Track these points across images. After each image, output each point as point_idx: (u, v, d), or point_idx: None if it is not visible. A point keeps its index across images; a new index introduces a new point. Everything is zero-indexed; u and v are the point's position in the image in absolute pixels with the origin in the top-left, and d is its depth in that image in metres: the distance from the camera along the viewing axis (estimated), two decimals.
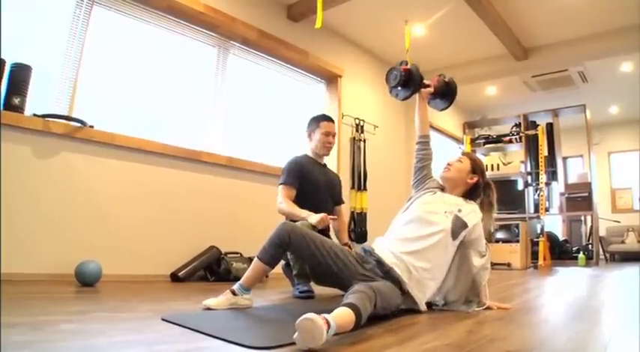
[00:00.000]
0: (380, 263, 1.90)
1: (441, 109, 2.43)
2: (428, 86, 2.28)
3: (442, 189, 2.18)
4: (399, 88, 2.24)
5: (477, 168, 2.16)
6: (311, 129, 2.92)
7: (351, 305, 1.35)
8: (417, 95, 2.29)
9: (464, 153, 2.24)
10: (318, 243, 1.88)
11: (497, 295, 2.62)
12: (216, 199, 3.85)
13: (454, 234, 1.95)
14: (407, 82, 2.20)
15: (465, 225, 1.97)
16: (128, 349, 1.21)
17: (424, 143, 2.28)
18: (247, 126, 4.51)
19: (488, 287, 2.10)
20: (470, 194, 2.17)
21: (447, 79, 2.34)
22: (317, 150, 2.89)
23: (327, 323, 1.20)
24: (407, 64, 2.22)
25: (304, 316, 1.16)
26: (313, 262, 1.94)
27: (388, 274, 1.85)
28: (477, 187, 2.16)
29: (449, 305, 2.04)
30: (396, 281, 1.84)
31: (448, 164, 2.19)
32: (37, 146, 2.87)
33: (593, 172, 7.09)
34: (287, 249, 1.93)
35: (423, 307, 1.90)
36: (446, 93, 2.36)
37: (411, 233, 1.98)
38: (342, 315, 1.31)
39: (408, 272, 1.87)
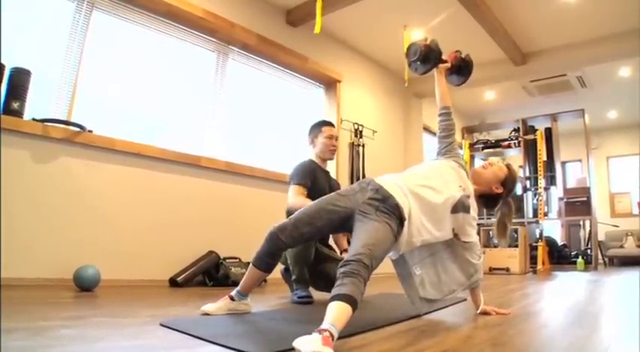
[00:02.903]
0: (378, 190, 1.80)
1: (457, 85, 2.47)
2: (445, 62, 2.31)
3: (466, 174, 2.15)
4: (419, 63, 2.27)
5: (508, 182, 2.13)
6: (313, 135, 2.92)
7: (347, 299, 1.32)
8: (434, 70, 2.31)
9: (507, 165, 2.20)
10: (305, 220, 1.82)
11: (496, 300, 2.62)
12: (215, 204, 3.85)
13: (455, 208, 1.91)
14: (426, 57, 2.24)
15: (467, 209, 1.94)
16: None
17: (446, 114, 2.28)
18: (246, 131, 4.51)
19: (486, 291, 2.10)
20: (487, 200, 2.16)
21: (463, 55, 2.38)
22: (322, 155, 2.89)
23: (330, 336, 1.18)
24: (427, 40, 2.26)
25: (308, 350, 1.11)
26: (318, 235, 1.99)
27: (387, 202, 1.75)
28: (497, 199, 2.15)
29: (435, 301, 2.02)
30: (395, 211, 1.74)
31: (489, 163, 2.18)
32: (36, 151, 2.88)
33: (591, 177, 7.11)
34: (287, 248, 1.92)
35: (396, 255, 1.94)
36: (462, 69, 2.39)
37: (423, 179, 1.92)
38: (342, 315, 1.28)
39: (408, 207, 1.78)
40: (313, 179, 2.76)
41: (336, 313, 1.28)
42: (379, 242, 1.60)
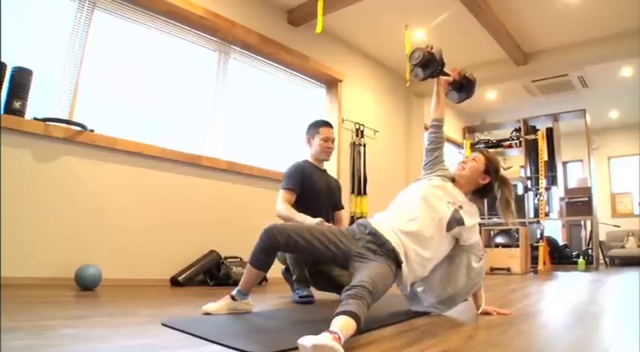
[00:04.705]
0: (375, 235, 1.85)
1: (456, 102, 2.45)
2: (448, 75, 2.29)
3: (453, 181, 2.15)
4: (419, 68, 2.25)
5: (490, 168, 2.12)
6: (310, 135, 2.92)
7: (352, 315, 1.34)
8: (435, 80, 2.29)
9: (480, 151, 2.20)
10: (306, 235, 1.85)
11: (497, 300, 2.62)
12: (216, 203, 3.85)
13: (449, 225, 1.93)
14: (427, 63, 2.21)
15: (461, 222, 1.96)
16: None
17: (436, 126, 2.27)
18: (248, 130, 4.51)
19: (488, 292, 2.10)
20: (481, 193, 2.16)
21: (467, 74, 2.35)
22: (317, 156, 2.90)
23: (339, 339, 1.19)
24: (432, 48, 2.23)
25: (319, 342, 1.13)
26: (308, 253, 2.00)
27: (384, 247, 1.81)
28: (489, 188, 2.15)
29: (434, 305, 2.04)
30: (391, 254, 1.79)
31: (463, 162, 2.17)
32: (37, 150, 2.88)
33: (592, 177, 7.10)
34: (279, 250, 1.93)
35: (406, 290, 1.97)
36: (463, 87, 2.36)
37: (410, 214, 1.94)
38: (347, 326, 1.30)
39: (402, 248, 1.83)
40: (304, 180, 2.78)
41: (342, 323, 1.30)
42: (380, 276, 1.65)
